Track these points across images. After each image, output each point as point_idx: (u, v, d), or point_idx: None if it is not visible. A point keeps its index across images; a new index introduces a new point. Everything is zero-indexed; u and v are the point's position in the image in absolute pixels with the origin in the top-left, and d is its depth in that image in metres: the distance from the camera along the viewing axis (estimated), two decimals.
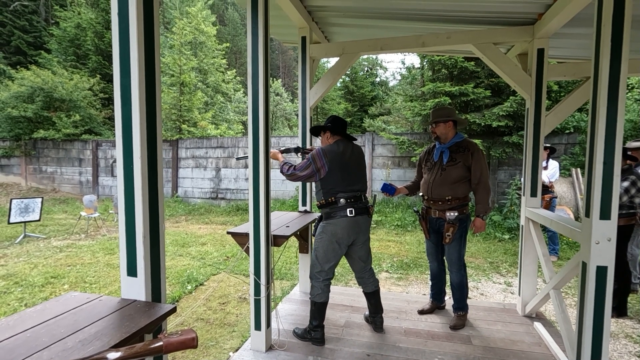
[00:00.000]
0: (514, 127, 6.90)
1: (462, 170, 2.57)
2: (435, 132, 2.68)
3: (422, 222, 2.82)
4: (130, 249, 1.27)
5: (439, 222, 2.69)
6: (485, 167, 2.58)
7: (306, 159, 2.39)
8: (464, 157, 2.57)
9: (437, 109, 2.71)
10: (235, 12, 30.71)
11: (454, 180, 2.58)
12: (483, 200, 2.58)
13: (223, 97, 13.71)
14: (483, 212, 2.59)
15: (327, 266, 2.43)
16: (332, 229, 2.38)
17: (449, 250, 2.67)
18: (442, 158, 2.65)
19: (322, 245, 2.41)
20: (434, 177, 2.66)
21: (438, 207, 2.66)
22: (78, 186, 11.22)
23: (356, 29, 3.65)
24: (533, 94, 2.79)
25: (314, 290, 2.48)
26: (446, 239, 2.61)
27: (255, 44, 2.20)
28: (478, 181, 2.57)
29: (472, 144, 2.62)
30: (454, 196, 2.60)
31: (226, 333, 3.05)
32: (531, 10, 2.68)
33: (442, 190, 2.61)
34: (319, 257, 2.43)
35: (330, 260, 2.42)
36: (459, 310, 2.78)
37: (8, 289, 4.02)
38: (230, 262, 5.10)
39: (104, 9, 14.28)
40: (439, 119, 2.64)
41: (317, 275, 2.46)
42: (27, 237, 6.60)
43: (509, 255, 5.33)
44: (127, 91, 1.22)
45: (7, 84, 11.81)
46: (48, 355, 0.92)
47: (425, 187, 2.73)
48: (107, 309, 1.21)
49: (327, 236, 2.39)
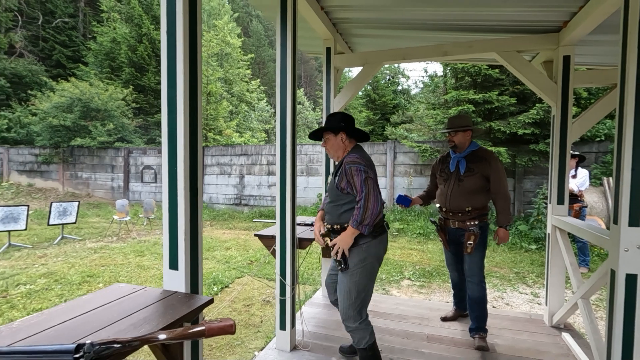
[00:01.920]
0: (540, 135, 6.75)
1: (481, 180, 2.49)
2: (453, 141, 2.60)
3: (441, 233, 2.72)
4: (172, 244, 1.39)
5: (459, 232, 2.59)
6: (504, 176, 2.50)
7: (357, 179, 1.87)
8: (481, 166, 2.48)
9: (455, 117, 2.63)
10: (259, 23, 31.60)
11: (472, 191, 2.49)
12: (504, 209, 2.50)
13: (247, 106, 14.10)
14: (506, 222, 2.50)
15: (369, 298, 2.00)
16: (376, 249, 1.95)
17: (470, 261, 2.53)
18: (459, 168, 2.56)
19: (366, 273, 1.92)
20: (451, 188, 2.56)
21: (457, 219, 2.56)
22: (110, 191, 11.77)
23: (378, 39, 3.74)
24: (559, 101, 2.78)
25: (357, 334, 1.98)
26: (467, 249, 2.48)
27: (284, 56, 2.32)
28: (497, 191, 2.48)
29: (488, 153, 2.54)
30: (474, 207, 2.50)
31: (251, 333, 3.15)
32: (556, 19, 2.69)
33: (461, 201, 2.51)
34: (360, 290, 1.92)
35: (371, 289, 2.00)
36: (479, 331, 2.52)
37: (49, 286, 4.29)
38: (254, 266, 5.23)
39: (137, 24, 15.07)
40: (459, 128, 2.55)
41: (359, 315, 1.96)
42: (65, 238, 7.00)
43: (536, 265, 5.19)
44: (173, 101, 1.35)
45: (48, 95, 12.62)
46: (106, 334, 1.03)
47: (443, 199, 2.62)
48: (151, 299, 1.33)
49: (371, 261, 1.94)
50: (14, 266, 5.12)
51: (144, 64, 14.92)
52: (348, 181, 1.92)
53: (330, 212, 2.04)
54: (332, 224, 2.03)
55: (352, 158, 1.94)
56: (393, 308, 3.23)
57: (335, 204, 2.00)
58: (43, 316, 1.16)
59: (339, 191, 1.98)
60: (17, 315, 3.49)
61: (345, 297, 1.94)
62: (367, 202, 1.82)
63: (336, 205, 2.00)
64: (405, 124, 11.37)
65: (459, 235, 2.60)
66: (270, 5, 2.87)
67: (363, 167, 1.88)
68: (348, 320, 1.97)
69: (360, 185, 1.86)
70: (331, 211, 2.03)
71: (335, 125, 2.03)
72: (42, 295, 3.99)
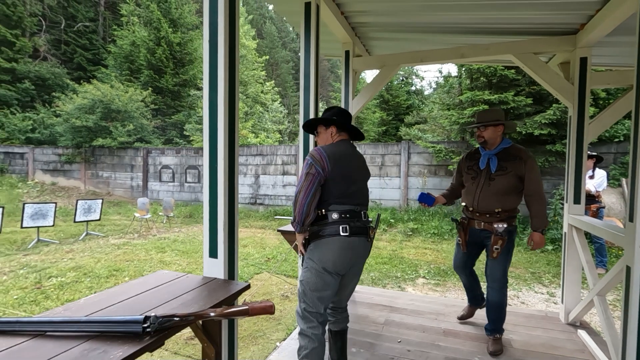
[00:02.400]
0: (557, 136, 6.71)
1: (514, 180, 2.32)
2: (482, 137, 2.41)
3: (462, 232, 2.56)
4: (212, 234, 1.52)
5: (484, 234, 2.43)
6: (539, 176, 2.34)
7: (301, 172, 1.80)
8: (515, 165, 2.31)
9: (485, 111, 2.45)
10: (272, 25, 31.92)
11: (504, 192, 2.33)
12: (540, 212, 2.32)
13: (262, 107, 14.30)
14: (542, 225, 2.33)
15: (314, 307, 1.77)
16: (320, 253, 1.76)
17: (493, 266, 2.39)
18: (490, 166, 2.39)
19: (308, 275, 1.79)
20: (480, 187, 2.41)
21: (485, 219, 2.41)
22: (129, 190, 12.12)
23: (396, 42, 3.83)
24: (576, 102, 2.82)
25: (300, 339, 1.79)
26: (494, 253, 2.34)
27: (307, 60, 2.45)
28: (533, 192, 2.32)
29: (523, 151, 2.36)
30: (504, 208, 2.34)
31: (271, 326, 3.28)
32: (573, 21, 2.74)
33: (491, 201, 2.36)
34: (305, 292, 1.79)
35: (323, 296, 1.78)
36: (495, 332, 2.47)
37: (79, 279, 4.52)
38: (271, 263, 5.37)
39: (156, 27, 15.47)
40: (488, 122, 2.36)
41: (301, 319, 1.80)
42: (89, 234, 7.29)
43: (552, 266, 5.18)
44: (214, 103, 1.48)
45: (71, 97, 13.09)
46: (162, 310, 1.17)
47: (470, 198, 2.47)
48: (194, 284, 1.46)
49: (313, 265, 1.77)
50: (44, 260, 5.39)
51: (162, 66, 15.30)
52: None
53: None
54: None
55: (313, 150, 1.82)
56: (409, 304, 3.32)
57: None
58: (103, 295, 1.30)
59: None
60: (52, 305, 3.70)
61: (299, 293, 1.85)
62: (297, 197, 1.72)
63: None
64: (419, 125, 11.39)
65: (483, 237, 2.44)
66: (294, 11, 3.00)
67: (311, 160, 1.75)
68: (297, 318, 1.86)
69: (299, 178, 1.78)
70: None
71: (328, 118, 1.94)
72: (73, 288, 4.21)
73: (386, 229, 7.76)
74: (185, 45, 16.18)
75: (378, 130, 13.32)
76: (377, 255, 5.79)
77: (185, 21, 16.67)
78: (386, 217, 8.03)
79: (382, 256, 5.72)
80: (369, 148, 9.03)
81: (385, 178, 8.80)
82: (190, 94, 15.51)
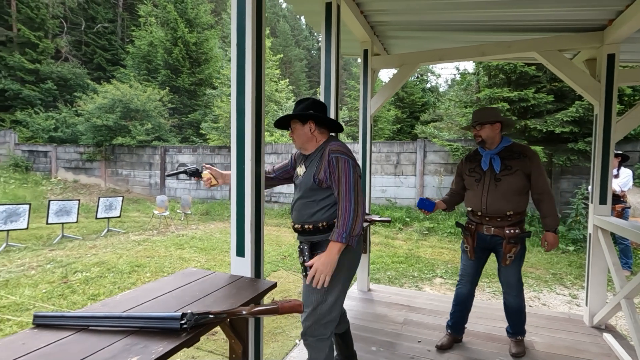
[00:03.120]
0: (579, 134, 6.54)
1: (522, 180, 2.21)
2: (479, 136, 2.33)
3: (469, 238, 2.40)
4: (239, 233, 1.56)
5: (495, 240, 2.30)
6: (545, 174, 2.27)
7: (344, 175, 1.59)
8: (521, 163, 2.22)
9: (480, 110, 2.37)
10: (286, 23, 32.02)
11: (513, 192, 2.22)
12: (551, 211, 2.24)
13: (276, 105, 14.38)
14: (555, 224, 2.24)
15: (337, 313, 1.72)
16: (351, 259, 1.70)
17: (508, 273, 2.31)
18: (493, 166, 2.29)
19: (339, 284, 1.68)
20: (487, 189, 2.28)
21: (495, 224, 2.27)
22: (147, 188, 12.40)
23: (414, 41, 3.80)
24: (602, 100, 2.75)
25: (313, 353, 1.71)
26: (507, 260, 2.25)
27: (328, 60, 2.46)
28: (542, 190, 2.23)
29: (526, 148, 2.28)
30: (515, 211, 2.22)
31: (290, 323, 3.32)
32: (601, 17, 2.67)
33: (501, 204, 2.23)
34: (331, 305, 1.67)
35: (343, 302, 1.75)
36: (517, 334, 2.43)
37: (103, 274, 4.67)
38: (288, 261, 5.42)
39: (173, 27, 15.72)
40: (485, 121, 2.28)
41: (326, 329, 1.69)
42: (110, 231, 7.50)
43: (574, 267, 5.07)
44: (241, 107, 1.51)
45: (92, 97, 13.45)
46: (195, 307, 1.21)
47: (477, 202, 2.33)
48: (222, 281, 1.50)
49: (345, 271, 1.69)
50: (69, 255, 5.58)
51: (178, 65, 15.55)
52: (331, 173, 1.62)
53: (299, 210, 1.74)
54: (301, 223, 1.72)
55: (337, 146, 1.65)
56: (427, 303, 3.31)
57: (308, 200, 1.70)
58: (137, 292, 1.35)
59: (316, 184, 1.66)
60: (78, 299, 3.84)
61: (310, 309, 1.68)
62: (358, 206, 1.55)
63: (309, 202, 1.70)
64: (435, 122, 11.26)
65: (495, 244, 2.31)
66: (314, 11, 3.01)
67: (352, 161, 1.62)
68: (308, 334, 1.71)
69: (348, 183, 1.58)
70: (301, 209, 1.73)
71: (303, 112, 1.71)
72: (98, 282, 4.35)
73: (402, 227, 7.73)
74: (201, 45, 16.40)
75: (393, 128, 13.22)
76: (393, 254, 5.77)
77: (201, 21, 16.88)
78: (402, 216, 7.98)
79: (398, 255, 5.70)
80: (384, 146, 8.99)
81: (400, 176, 8.75)
82: (205, 93, 15.72)
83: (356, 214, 1.55)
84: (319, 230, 1.69)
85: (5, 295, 3.87)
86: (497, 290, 4.20)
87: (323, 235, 1.68)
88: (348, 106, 16.12)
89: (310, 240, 1.72)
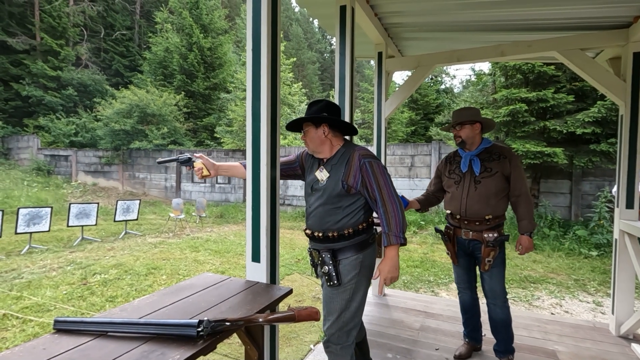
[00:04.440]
0: (602, 134, 6.32)
1: (501, 182, 2.16)
2: (459, 136, 2.26)
3: (449, 244, 2.37)
4: (255, 240, 1.55)
5: (473, 244, 2.24)
6: (525, 176, 2.20)
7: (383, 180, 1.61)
8: (500, 165, 2.16)
9: (460, 109, 2.31)
10: (299, 27, 32.22)
11: (492, 195, 2.16)
12: (527, 214, 2.17)
13: (289, 108, 14.45)
14: (531, 228, 2.17)
15: (360, 318, 1.73)
16: (370, 261, 1.71)
17: (491, 280, 2.21)
18: (473, 168, 2.23)
19: (361, 289, 1.68)
20: (466, 191, 2.22)
21: (473, 228, 2.21)
22: (163, 190, 12.62)
23: (430, 42, 3.75)
24: (628, 100, 2.64)
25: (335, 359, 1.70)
26: (486, 266, 2.17)
27: (342, 63, 2.45)
28: (520, 192, 2.16)
29: (506, 150, 2.22)
30: (494, 214, 2.17)
31: (305, 328, 3.30)
32: (626, 14, 2.57)
33: (481, 207, 2.17)
34: (354, 310, 1.66)
35: (364, 307, 1.74)
36: (508, 353, 2.30)
37: (120, 276, 4.75)
38: (302, 264, 5.40)
39: (188, 33, 16.01)
40: (464, 120, 2.22)
41: (349, 336, 1.68)
42: (128, 233, 7.65)
43: (597, 273, 4.89)
44: (257, 111, 1.51)
45: (110, 102, 13.80)
46: (212, 313, 1.20)
47: (457, 204, 2.26)
48: (238, 287, 1.49)
49: (366, 275, 1.69)
50: (88, 257, 5.70)
51: (193, 70, 15.81)
52: (363, 178, 1.61)
53: (321, 217, 1.67)
54: (324, 230, 1.66)
55: (366, 151, 1.66)
56: (445, 309, 3.24)
57: (333, 207, 1.65)
58: (155, 297, 1.35)
59: (345, 190, 1.63)
60: (97, 300, 3.92)
61: (335, 316, 1.66)
62: (402, 206, 1.61)
63: (334, 209, 1.65)
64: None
65: (474, 248, 2.25)
66: (328, 14, 3.00)
67: (383, 165, 1.69)
68: (332, 341, 1.68)
69: (387, 186, 1.60)
70: (324, 215, 1.66)
71: (316, 115, 1.67)
72: (115, 284, 4.43)
73: (416, 231, 7.62)
74: (216, 50, 16.63)
75: (407, 131, 13.10)
76: (408, 258, 5.69)
77: (216, 26, 17.13)
78: (416, 219, 7.88)
79: (414, 259, 5.62)
80: (398, 148, 8.90)
81: (415, 179, 8.65)
82: (220, 97, 15.92)
83: (403, 213, 1.61)
84: (343, 237, 1.65)
85: (28, 296, 3.98)
86: (516, 297, 4.08)
87: (347, 242, 1.65)
88: (361, 108, 16.07)
89: (331, 248, 1.66)
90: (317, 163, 1.76)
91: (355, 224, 1.66)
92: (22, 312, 3.58)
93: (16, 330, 3.21)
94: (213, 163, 1.81)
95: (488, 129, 2.32)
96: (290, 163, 1.93)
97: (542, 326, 2.89)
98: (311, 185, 1.78)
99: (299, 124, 1.73)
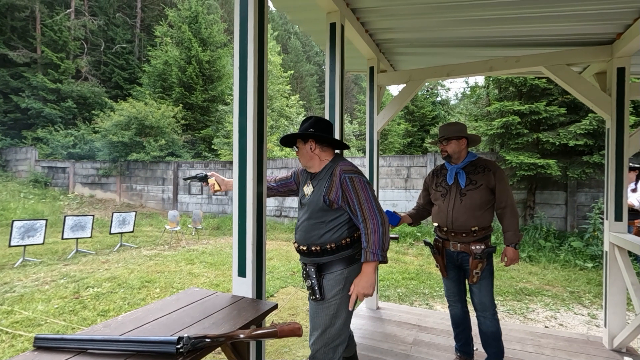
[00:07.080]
0: (594, 146, 6.39)
1: (486, 194, 2.21)
2: (446, 151, 2.32)
3: (438, 257, 2.38)
4: (241, 254, 1.56)
5: (461, 256, 2.26)
6: (510, 188, 2.24)
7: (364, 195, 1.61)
8: (485, 178, 2.21)
9: (447, 125, 2.36)
10: (297, 40, 32.68)
11: (477, 207, 2.19)
12: (512, 226, 2.19)
13: (287, 120, 14.56)
14: (516, 239, 2.19)
15: (346, 335, 1.72)
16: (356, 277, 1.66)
17: (480, 292, 2.22)
18: (459, 181, 2.28)
19: (345, 304, 1.66)
20: (452, 204, 2.26)
21: (461, 240, 2.24)
22: (161, 202, 12.59)
23: (421, 57, 3.81)
24: (614, 114, 2.69)
25: None
26: (474, 278, 2.18)
27: (332, 79, 2.49)
28: (505, 204, 2.20)
29: (490, 163, 2.28)
30: (480, 226, 2.19)
31: (297, 342, 3.27)
32: (609, 31, 2.64)
33: (467, 219, 2.20)
34: (339, 327, 1.66)
35: (349, 323, 1.75)
36: None
37: (113, 289, 4.71)
38: (297, 277, 5.37)
39: (187, 46, 16.24)
40: (451, 136, 2.28)
41: (335, 353, 1.66)
42: (123, 246, 7.60)
43: (592, 285, 4.87)
44: (244, 127, 1.54)
45: (109, 114, 13.89)
46: (195, 329, 1.20)
47: (443, 217, 2.30)
48: (224, 302, 1.49)
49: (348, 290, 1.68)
50: (82, 270, 5.66)
51: (192, 83, 15.98)
52: (344, 194, 1.63)
53: (306, 231, 1.70)
54: (308, 245, 1.69)
55: (348, 166, 1.67)
56: (439, 322, 3.22)
57: (317, 222, 1.68)
58: (140, 312, 1.36)
59: (326, 205, 1.65)
60: (89, 314, 3.88)
61: (319, 332, 1.65)
62: (384, 222, 1.58)
63: (317, 223, 1.67)
64: None
65: (463, 260, 2.27)
66: (320, 30, 3.07)
67: (365, 180, 1.65)
68: (318, 357, 1.66)
69: (369, 201, 1.60)
70: (308, 230, 1.69)
71: (303, 132, 1.71)
72: (108, 298, 4.39)
73: (413, 242, 7.60)
74: (214, 63, 16.83)
75: (403, 142, 13.19)
76: (404, 270, 5.67)
77: (214, 40, 17.38)
78: (412, 231, 7.87)
79: (409, 271, 5.60)
80: (394, 160, 8.95)
81: (411, 190, 8.67)
82: (218, 109, 16.05)
83: (384, 230, 1.58)
84: (326, 252, 1.66)
85: (19, 310, 3.94)
86: (511, 310, 4.06)
87: (331, 257, 1.67)
88: (358, 120, 16.20)
89: (316, 262, 1.69)
90: (308, 178, 1.81)
91: (339, 239, 1.66)
92: (12, 326, 3.54)
93: (5, 346, 3.17)
94: (223, 179, 1.98)
95: (473, 144, 2.39)
96: (287, 179, 1.99)
97: (535, 340, 2.87)
98: (300, 199, 1.83)
99: (292, 139, 1.78)
